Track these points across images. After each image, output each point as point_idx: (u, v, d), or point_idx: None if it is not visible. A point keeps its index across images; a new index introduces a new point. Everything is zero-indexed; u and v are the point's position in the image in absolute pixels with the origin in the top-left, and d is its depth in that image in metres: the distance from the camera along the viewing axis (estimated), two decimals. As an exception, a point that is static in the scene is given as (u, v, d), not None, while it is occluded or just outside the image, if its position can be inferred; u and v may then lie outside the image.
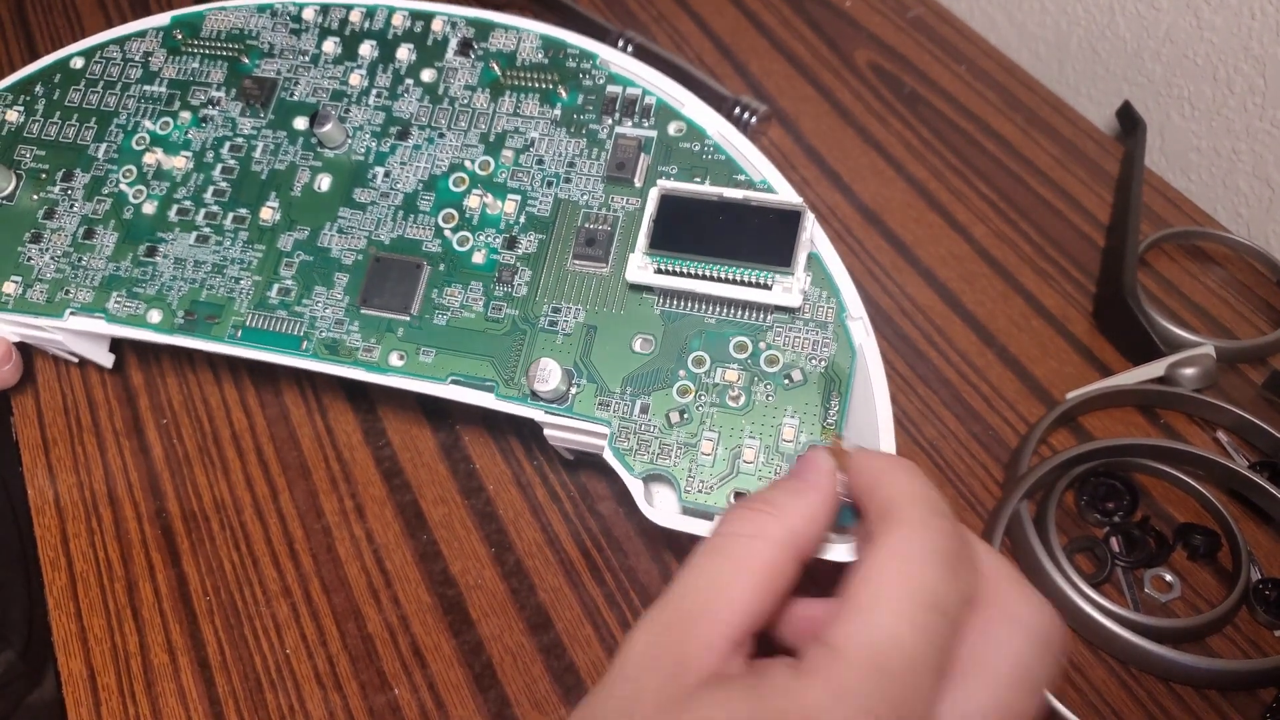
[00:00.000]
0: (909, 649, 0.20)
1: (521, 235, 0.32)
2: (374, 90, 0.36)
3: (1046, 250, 0.45)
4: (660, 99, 0.33)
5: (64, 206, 0.36)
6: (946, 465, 0.38)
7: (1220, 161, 0.50)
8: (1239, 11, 0.46)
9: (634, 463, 0.29)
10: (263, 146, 0.36)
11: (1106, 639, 0.32)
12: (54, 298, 0.34)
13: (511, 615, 0.33)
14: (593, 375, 0.30)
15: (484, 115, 0.34)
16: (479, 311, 0.31)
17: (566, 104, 0.34)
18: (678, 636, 0.21)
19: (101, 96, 0.38)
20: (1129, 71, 0.53)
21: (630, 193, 0.32)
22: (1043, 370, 0.41)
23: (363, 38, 0.36)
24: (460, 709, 0.31)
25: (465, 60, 0.35)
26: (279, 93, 0.36)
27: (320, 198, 0.34)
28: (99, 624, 0.33)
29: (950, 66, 0.54)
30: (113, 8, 0.57)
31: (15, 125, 0.38)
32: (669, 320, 0.30)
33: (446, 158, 0.34)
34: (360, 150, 0.35)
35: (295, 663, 0.32)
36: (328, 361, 0.32)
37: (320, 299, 0.33)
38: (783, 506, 0.23)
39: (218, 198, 0.35)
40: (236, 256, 0.34)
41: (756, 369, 0.29)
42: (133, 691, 0.31)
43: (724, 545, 0.22)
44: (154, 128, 0.37)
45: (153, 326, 0.33)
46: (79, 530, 0.35)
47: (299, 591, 0.34)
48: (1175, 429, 0.39)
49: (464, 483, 0.37)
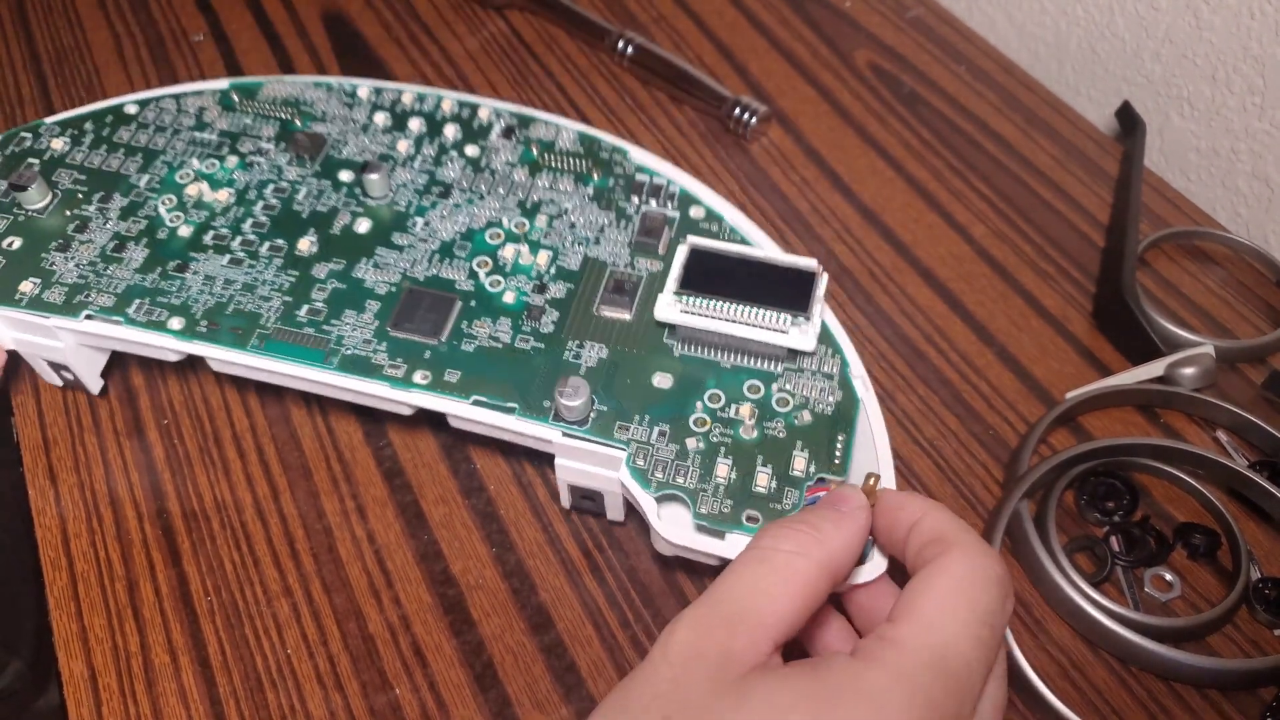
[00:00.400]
0: (967, 653, 0.22)
1: (551, 283, 0.34)
2: (419, 157, 0.38)
3: (1046, 250, 0.45)
4: (683, 189, 0.36)
5: (97, 223, 0.36)
6: (946, 465, 0.38)
7: (1219, 161, 0.50)
8: (1238, 12, 0.46)
9: (650, 481, 0.30)
10: (306, 191, 0.37)
11: (1106, 638, 0.32)
12: (72, 300, 0.34)
13: (512, 615, 0.33)
14: (613, 403, 0.31)
15: (521, 186, 0.37)
16: (506, 342, 0.33)
17: (599, 185, 0.37)
18: (724, 633, 0.22)
19: (150, 137, 0.39)
20: (1128, 72, 0.53)
21: (655, 258, 0.35)
22: (1042, 370, 0.41)
23: (412, 115, 0.39)
24: (461, 709, 0.31)
25: (507, 142, 0.38)
26: (328, 148, 0.38)
27: (359, 238, 0.36)
28: (100, 624, 0.33)
29: (950, 67, 0.54)
30: (113, 7, 0.57)
31: (60, 152, 0.38)
32: (687, 363, 0.32)
33: (485, 215, 0.36)
34: (402, 203, 0.37)
35: (296, 662, 0.32)
36: (351, 375, 0.32)
37: (349, 321, 0.33)
38: (824, 530, 0.24)
39: (256, 229, 0.36)
40: (269, 279, 0.34)
41: (768, 407, 0.31)
42: (134, 691, 0.31)
43: (768, 556, 0.24)
44: (200, 166, 0.38)
45: (173, 332, 0.33)
46: (79, 530, 0.35)
47: (300, 591, 0.34)
48: (1175, 429, 0.39)
49: (465, 483, 0.37)
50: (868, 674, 0.21)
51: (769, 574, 0.23)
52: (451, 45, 0.55)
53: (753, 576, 0.23)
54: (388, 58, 0.54)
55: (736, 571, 0.24)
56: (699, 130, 0.51)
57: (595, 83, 0.53)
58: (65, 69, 0.53)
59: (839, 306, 0.43)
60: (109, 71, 0.53)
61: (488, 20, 0.57)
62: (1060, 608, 0.33)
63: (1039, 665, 0.32)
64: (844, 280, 0.44)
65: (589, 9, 0.56)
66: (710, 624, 0.23)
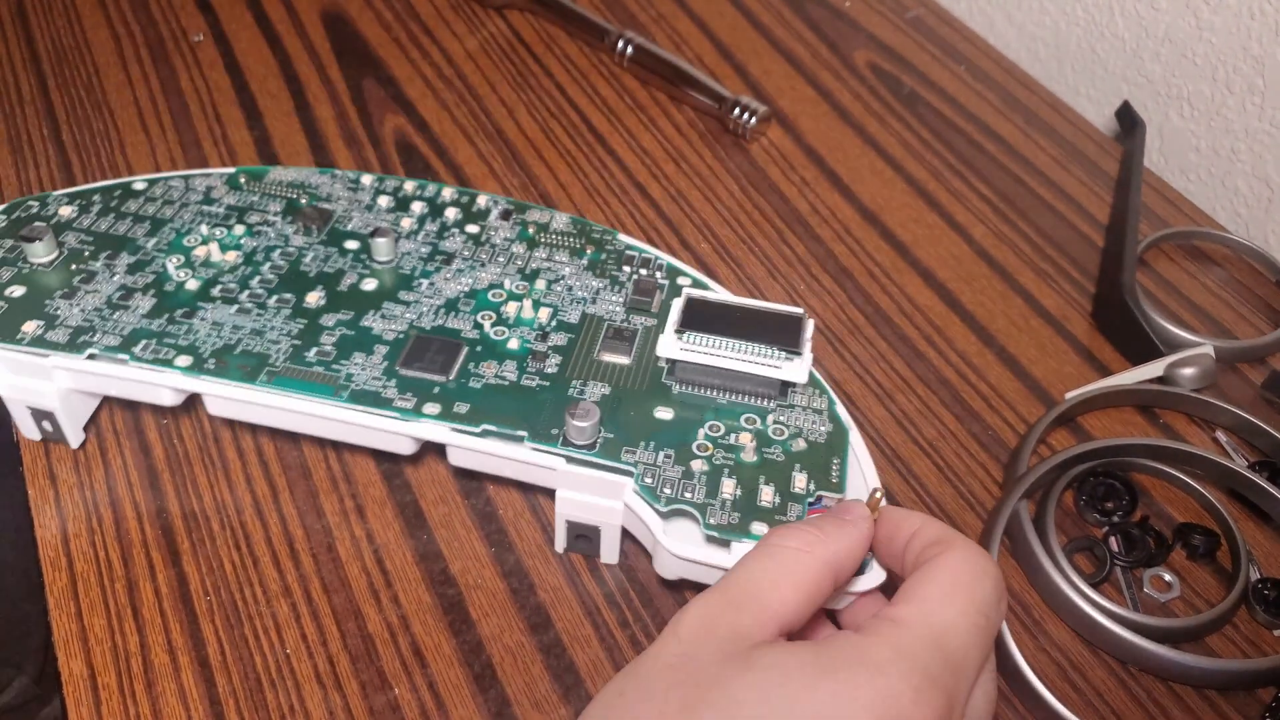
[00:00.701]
0: (964, 637, 0.23)
1: (553, 333, 0.35)
2: (422, 233, 0.39)
3: (1046, 250, 0.45)
4: (670, 263, 0.38)
5: (104, 276, 0.36)
6: (946, 465, 0.38)
7: (1219, 161, 0.50)
8: (1238, 12, 0.46)
9: (659, 496, 0.31)
10: (313, 255, 0.38)
11: (1106, 639, 0.32)
12: (76, 340, 0.33)
13: (511, 615, 0.33)
14: (618, 433, 0.32)
15: (520, 257, 0.38)
16: (513, 380, 0.34)
17: (592, 257, 0.39)
18: (733, 614, 0.23)
19: (159, 208, 0.39)
20: (1128, 71, 0.53)
21: (649, 314, 0.36)
22: (1042, 370, 0.41)
23: (414, 200, 0.41)
24: (460, 709, 0.31)
25: (505, 223, 0.40)
26: (334, 221, 0.39)
27: (366, 295, 0.36)
28: (99, 624, 0.33)
29: (949, 67, 0.54)
30: (113, 7, 0.57)
31: (68, 218, 0.38)
32: (686, 401, 0.33)
33: (487, 279, 0.37)
34: (407, 268, 0.37)
35: (296, 662, 0.32)
36: (361, 406, 0.32)
37: (359, 362, 0.34)
38: (830, 533, 0.26)
39: (264, 284, 0.36)
40: (277, 324, 0.35)
41: (765, 436, 0.33)
42: (133, 691, 0.31)
43: (777, 552, 0.25)
44: (207, 232, 0.38)
45: (180, 369, 0.33)
46: (79, 530, 0.35)
47: (299, 591, 0.34)
48: (1174, 429, 0.39)
49: (464, 483, 0.37)
50: (870, 647, 0.22)
51: (776, 566, 0.25)
52: (451, 45, 0.55)
53: (761, 568, 0.25)
54: (387, 58, 0.54)
55: (745, 564, 0.25)
56: (699, 130, 0.51)
57: (595, 83, 0.53)
58: (65, 69, 0.53)
59: (839, 306, 0.43)
60: (109, 71, 0.53)
61: (487, 20, 0.57)
62: (1059, 608, 0.33)
63: (1038, 666, 0.32)
64: (844, 281, 0.44)
65: (589, 9, 0.56)
66: (720, 606, 0.24)
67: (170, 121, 0.50)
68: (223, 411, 0.34)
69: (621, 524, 0.32)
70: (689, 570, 0.31)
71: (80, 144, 0.49)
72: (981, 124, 0.51)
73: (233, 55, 0.54)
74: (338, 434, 0.33)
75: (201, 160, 0.48)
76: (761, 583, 0.24)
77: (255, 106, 0.51)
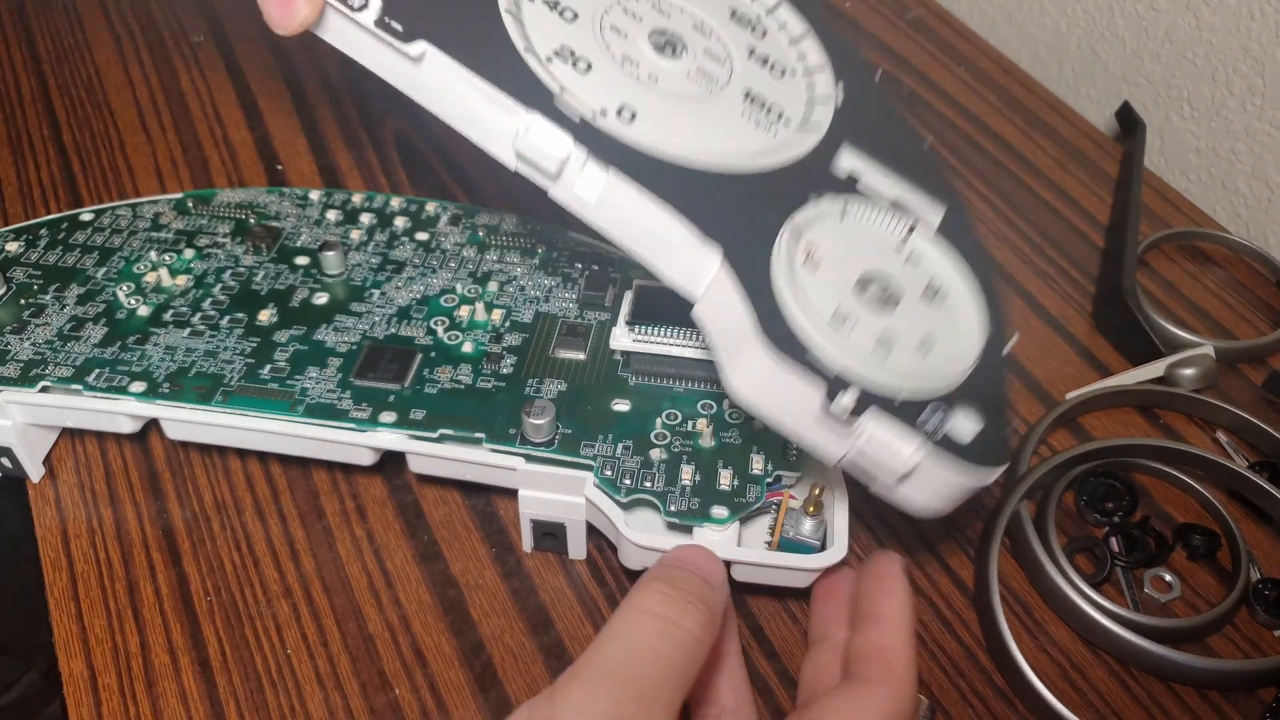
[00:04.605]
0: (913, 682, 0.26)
1: (507, 334, 0.36)
2: (372, 243, 0.39)
3: (1046, 251, 0.45)
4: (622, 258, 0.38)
5: (54, 309, 0.36)
6: (946, 465, 0.38)
7: (1219, 162, 0.50)
8: (1238, 12, 0.46)
9: (619, 487, 0.31)
10: (264, 274, 0.38)
11: (1106, 639, 0.32)
12: (28, 374, 0.34)
13: (512, 616, 0.33)
14: (576, 427, 0.32)
15: (471, 260, 0.39)
16: (468, 384, 0.34)
17: (544, 256, 0.39)
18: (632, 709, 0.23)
19: (107, 238, 0.39)
20: (1128, 72, 0.53)
21: (602, 309, 0.37)
22: (1042, 370, 0.41)
23: (363, 212, 0.41)
24: (461, 709, 0.31)
25: (455, 228, 0.40)
26: (283, 239, 0.39)
27: (318, 308, 0.37)
28: (100, 624, 0.33)
29: (950, 67, 0.54)
30: (113, 7, 0.57)
31: (14, 254, 0.38)
32: (643, 391, 0.34)
33: (439, 285, 0.38)
34: (358, 279, 0.38)
35: (296, 663, 0.32)
36: (316, 420, 0.32)
37: (313, 375, 0.34)
38: (715, 610, 0.26)
39: (215, 306, 0.36)
40: (230, 345, 0.35)
41: (722, 420, 0.33)
42: (134, 692, 0.31)
43: (678, 638, 0.24)
44: (156, 258, 0.38)
45: (135, 395, 0.33)
46: (79, 530, 0.35)
47: (300, 592, 0.34)
48: (1175, 429, 0.39)
49: (464, 483, 0.37)
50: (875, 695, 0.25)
51: (682, 658, 0.24)
52: (451, 45, 0.55)
53: (667, 658, 0.24)
54: (388, 58, 0.54)
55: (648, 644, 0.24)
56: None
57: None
58: (65, 69, 0.53)
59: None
60: (109, 71, 0.53)
61: (488, 20, 0.57)
62: (1060, 609, 0.33)
63: (1039, 666, 0.32)
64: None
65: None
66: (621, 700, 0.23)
67: (170, 122, 0.50)
68: (181, 435, 0.34)
69: (585, 519, 0.33)
70: (653, 559, 0.31)
71: (80, 144, 0.49)
72: (981, 124, 0.51)
73: (233, 56, 0.54)
74: (297, 449, 0.33)
75: (202, 160, 0.48)
76: (666, 681, 0.24)
77: (256, 107, 0.51)
